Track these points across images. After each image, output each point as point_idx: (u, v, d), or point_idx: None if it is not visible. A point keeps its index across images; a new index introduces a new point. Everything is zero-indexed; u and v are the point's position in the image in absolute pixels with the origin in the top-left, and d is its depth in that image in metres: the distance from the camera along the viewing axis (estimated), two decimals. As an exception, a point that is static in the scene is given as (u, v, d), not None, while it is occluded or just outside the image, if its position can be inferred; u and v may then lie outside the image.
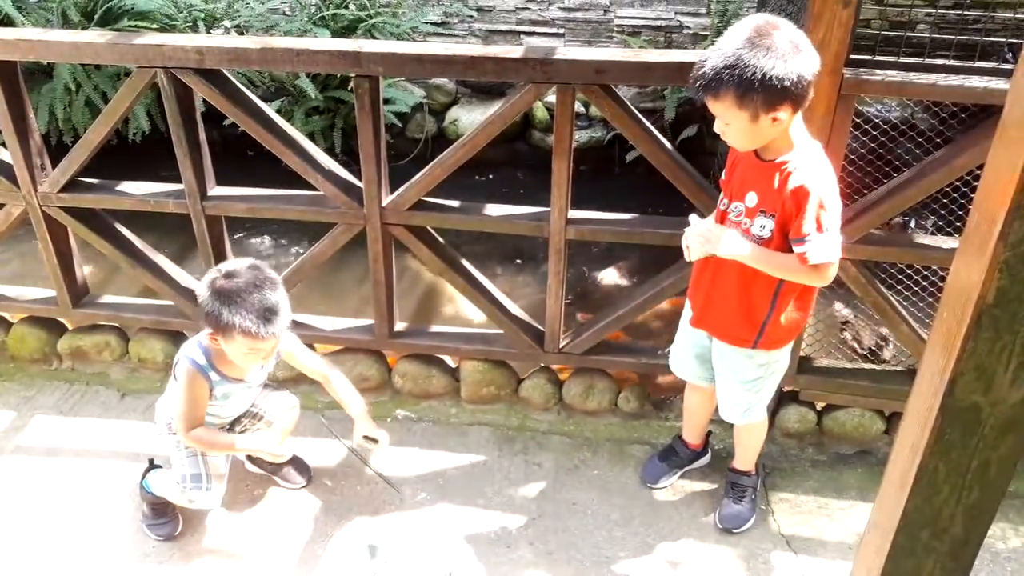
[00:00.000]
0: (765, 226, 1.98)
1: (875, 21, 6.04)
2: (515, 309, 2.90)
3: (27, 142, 2.72)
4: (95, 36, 2.60)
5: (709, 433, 2.72)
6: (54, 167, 2.79)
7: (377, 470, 2.72)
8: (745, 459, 2.56)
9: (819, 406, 2.84)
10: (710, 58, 1.80)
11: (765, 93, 1.76)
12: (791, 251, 1.95)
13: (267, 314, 2.09)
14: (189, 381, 2.27)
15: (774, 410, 2.79)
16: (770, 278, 2.03)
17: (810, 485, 2.70)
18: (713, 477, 2.69)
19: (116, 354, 3.13)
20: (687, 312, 2.34)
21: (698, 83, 1.83)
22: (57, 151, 2.87)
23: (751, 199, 2.00)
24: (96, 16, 5.13)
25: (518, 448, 2.83)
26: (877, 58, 2.25)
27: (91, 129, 2.70)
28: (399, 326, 2.98)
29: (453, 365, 3.06)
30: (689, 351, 2.41)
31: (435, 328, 3.08)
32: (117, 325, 3.15)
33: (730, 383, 2.31)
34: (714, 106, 1.85)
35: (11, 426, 2.86)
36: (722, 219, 2.10)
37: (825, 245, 1.91)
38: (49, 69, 5.07)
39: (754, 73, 1.74)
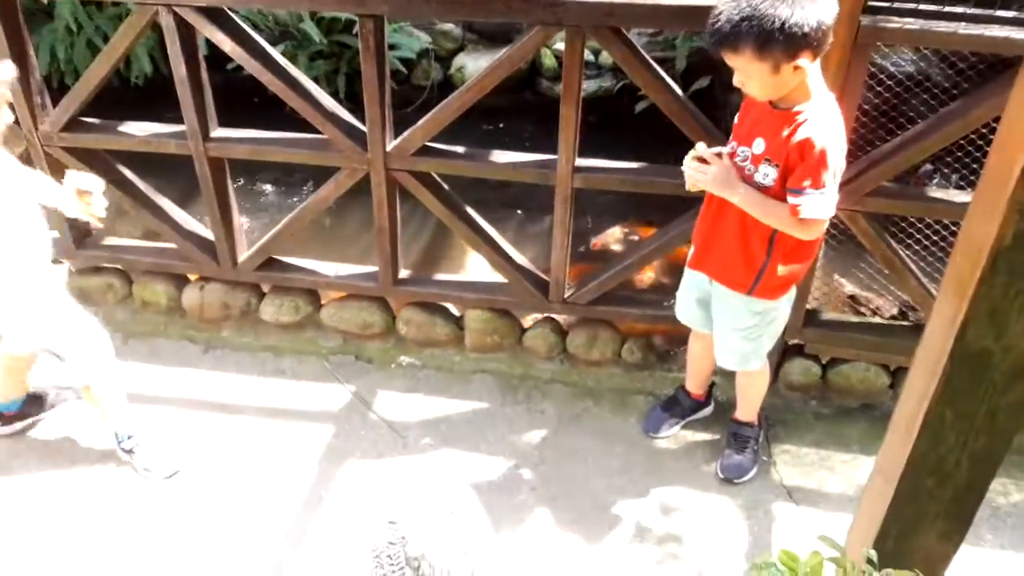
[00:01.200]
0: (768, 175, 1.96)
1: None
2: (520, 258, 2.88)
3: (27, 80, 2.68)
4: (95, -29, 2.54)
5: (713, 384, 2.72)
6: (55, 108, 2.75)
7: (381, 415, 2.73)
8: (747, 410, 2.56)
9: (824, 359, 2.83)
10: (724, 11, 1.76)
11: (785, 42, 1.72)
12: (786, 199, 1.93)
13: None
14: None
15: (778, 362, 2.78)
16: (766, 224, 2.01)
17: (812, 438, 2.70)
18: (715, 428, 2.69)
19: (119, 296, 3.13)
20: (691, 254, 2.33)
21: (714, 37, 1.79)
22: (58, 93, 2.83)
23: (758, 145, 1.97)
24: (97, -45, 5.02)
25: (521, 396, 2.83)
26: (895, 5, 2.19)
27: (92, 67, 2.66)
28: (403, 274, 2.96)
29: (457, 314, 3.05)
30: (691, 295, 2.40)
31: (439, 276, 3.07)
32: (120, 268, 3.14)
33: (726, 329, 2.30)
34: (733, 60, 1.81)
35: (16, 366, 2.87)
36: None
37: (819, 202, 1.90)
38: (50, 10, 4.98)
39: (772, 23, 1.70)
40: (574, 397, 2.84)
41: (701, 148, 2.02)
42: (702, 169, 1.98)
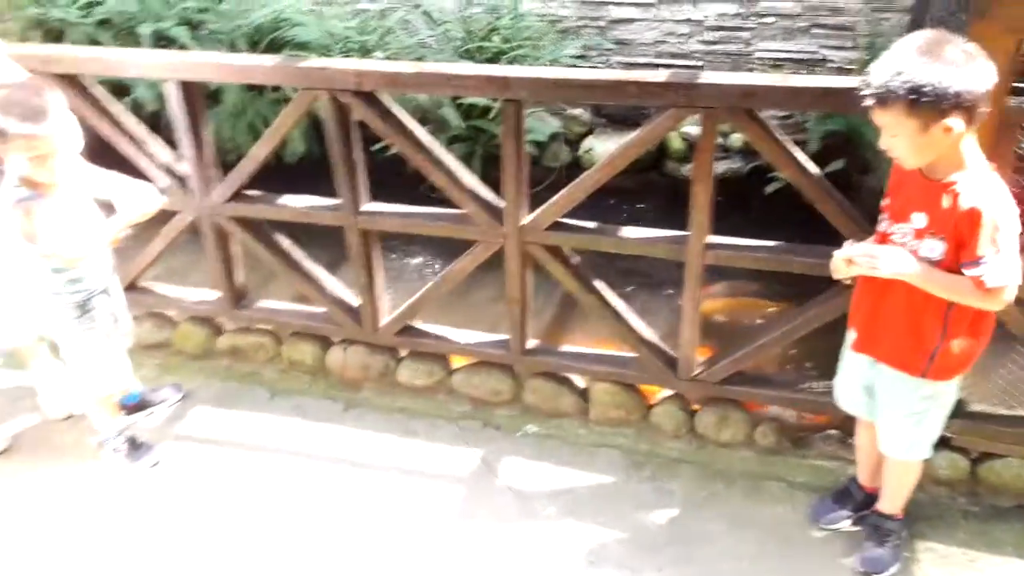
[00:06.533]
0: (935, 249, 1.90)
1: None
2: (648, 333, 2.89)
3: (202, 155, 2.97)
4: (265, 60, 2.82)
5: None
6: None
7: (507, 482, 2.76)
8: (893, 501, 2.43)
9: (973, 454, 2.67)
10: (878, 67, 1.78)
11: (936, 99, 1.71)
12: (962, 273, 1.87)
13: (34, 112, 2.21)
14: (27, 212, 2.30)
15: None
16: (939, 301, 1.94)
17: (960, 537, 2.53)
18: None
19: (269, 355, 3.34)
20: (849, 339, 2.26)
21: (865, 92, 1.79)
22: (222, 170, 3.11)
23: (919, 220, 1.92)
24: (261, 46, 5.55)
25: (647, 474, 2.80)
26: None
27: (258, 144, 2.91)
28: (531, 343, 3.03)
29: (583, 386, 3.07)
30: (855, 382, 2.31)
31: (567, 348, 3.11)
32: (271, 328, 3.36)
33: (893, 415, 2.21)
34: (881, 116, 1.80)
35: (174, 415, 3.10)
36: (883, 241, 2.03)
37: (1002, 266, 1.82)
38: (217, 95, 5.51)
39: (925, 77, 1.70)
40: (703, 478, 2.78)
41: (850, 244, 1.99)
42: (870, 258, 1.93)
